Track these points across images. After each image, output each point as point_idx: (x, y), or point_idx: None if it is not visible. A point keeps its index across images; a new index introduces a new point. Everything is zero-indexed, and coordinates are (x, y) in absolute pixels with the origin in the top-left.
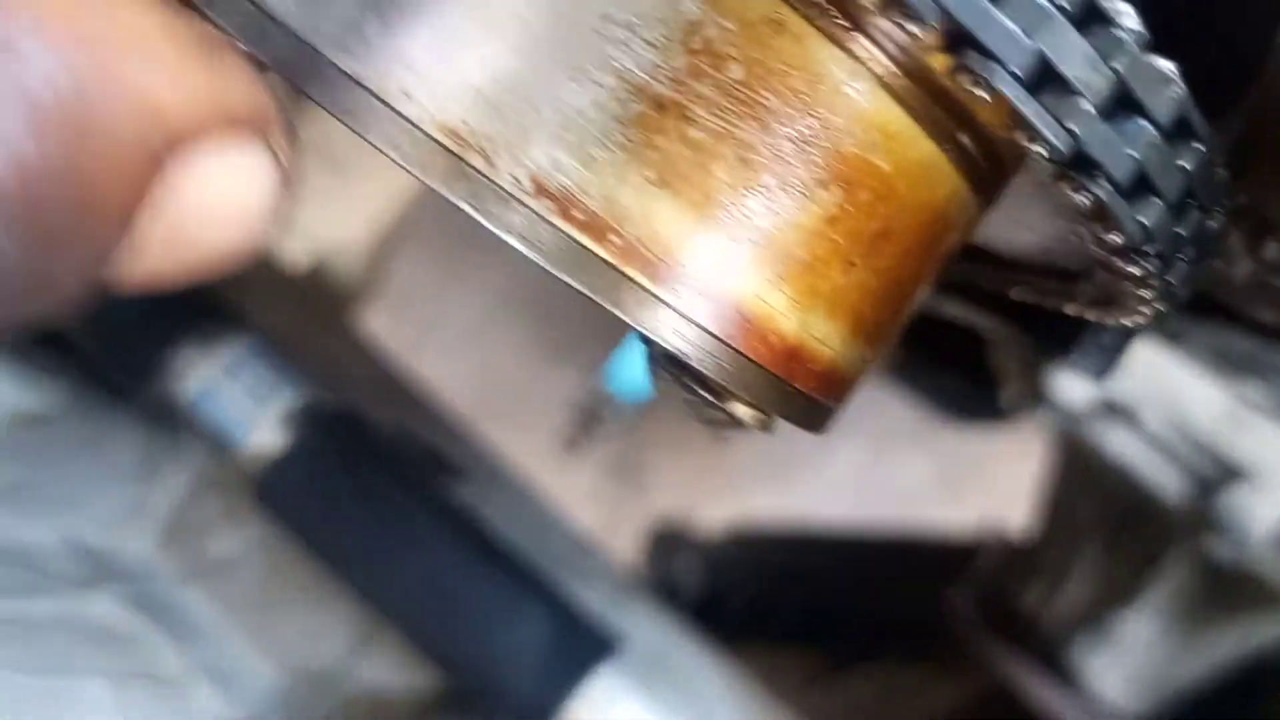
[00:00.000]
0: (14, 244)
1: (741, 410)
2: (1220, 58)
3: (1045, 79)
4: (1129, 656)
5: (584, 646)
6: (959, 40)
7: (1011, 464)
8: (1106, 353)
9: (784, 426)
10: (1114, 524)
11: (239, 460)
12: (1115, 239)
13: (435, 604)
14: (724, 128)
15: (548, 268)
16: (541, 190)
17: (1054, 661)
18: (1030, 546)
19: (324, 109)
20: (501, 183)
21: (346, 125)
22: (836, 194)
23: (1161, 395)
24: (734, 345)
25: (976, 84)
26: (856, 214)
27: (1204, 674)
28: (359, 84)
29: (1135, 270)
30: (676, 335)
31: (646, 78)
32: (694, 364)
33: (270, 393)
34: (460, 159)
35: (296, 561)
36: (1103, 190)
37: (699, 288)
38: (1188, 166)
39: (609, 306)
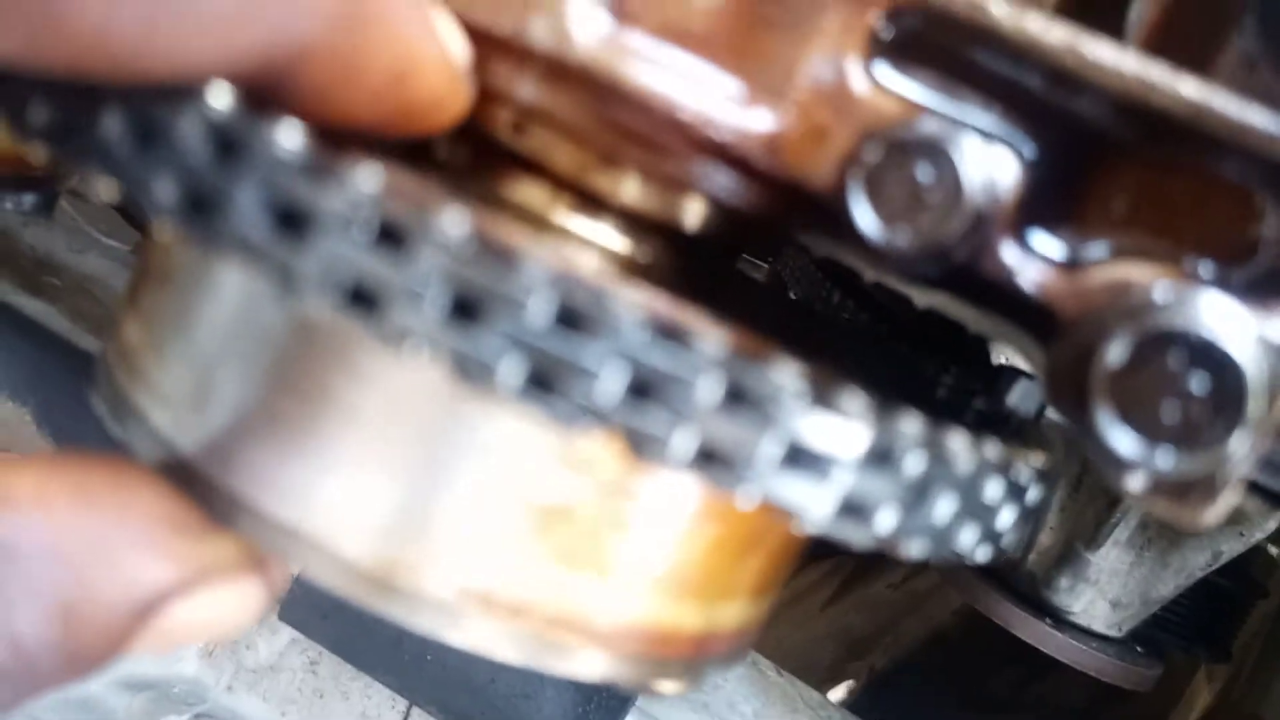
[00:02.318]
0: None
1: (666, 686)
2: None
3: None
4: (1109, 588)
5: (607, 699)
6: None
7: None
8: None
9: None
10: (1078, 466)
11: None
12: None
13: (464, 690)
14: (608, 512)
15: (483, 654)
16: (465, 594)
17: (1041, 603)
18: None
19: (260, 546)
20: (430, 596)
21: (289, 565)
22: (715, 526)
23: None
24: (651, 658)
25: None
26: (738, 526)
27: (1181, 586)
28: (294, 533)
29: None
30: (602, 672)
31: (534, 491)
32: (619, 685)
33: None
34: (391, 583)
35: (332, 654)
36: None
37: (612, 630)
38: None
39: (538, 668)
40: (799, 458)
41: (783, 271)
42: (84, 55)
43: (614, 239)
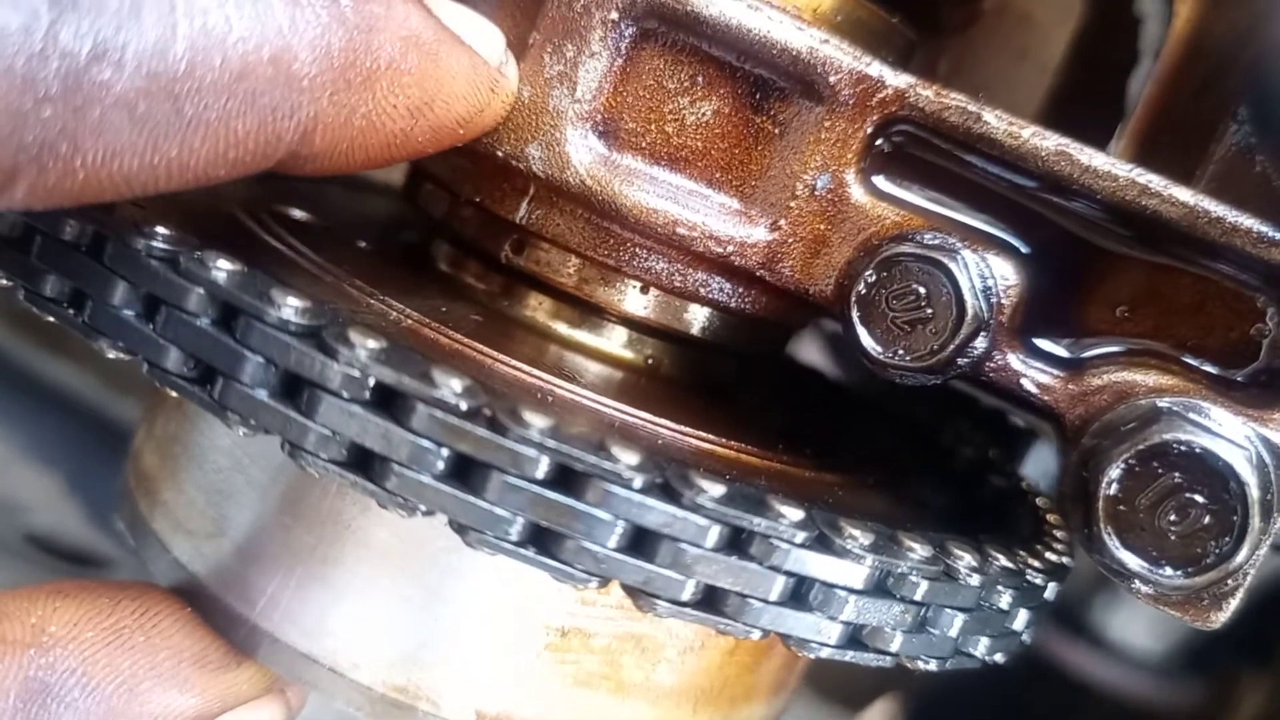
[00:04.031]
0: None
1: None
2: None
3: None
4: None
5: None
6: None
7: None
8: None
9: None
10: None
11: None
12: None
13: None
14: (621, 632)
15: None
16: (483, 717)
17: (1079, 623)
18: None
19: (280, 672)
20: (450, 718)
21: (310, 691)
22: (729, 638)
23: None
24: None
25: None
26: (750, 640)
27: None
28: (314, 660)
29: None
30: None
31: (546, 616)
32: None
33: None
34: (412, 707)
35: None
36: None
37: None
38: None
39: None
40: (803, 594)
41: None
42: (94, 188)
43: (620, 348)
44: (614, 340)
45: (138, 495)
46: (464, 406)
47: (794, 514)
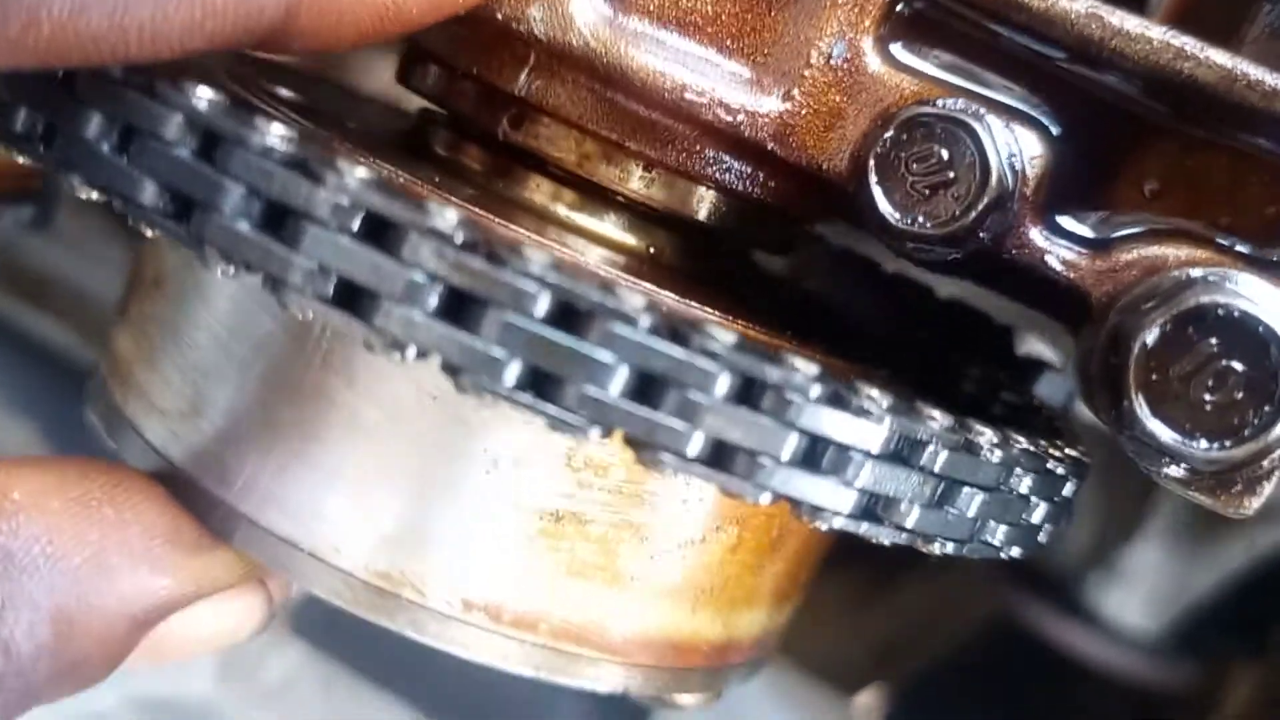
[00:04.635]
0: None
1: (685, 699)
2: None
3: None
4: (1142, 583)
5: (625, 710)
6: None
7: None
8: None
9: None
10: (1108, 457)
11: None
12: None
13: (480, 704)
14: (619, 519)
15: (490, 665)
16: (470, 606)
17: (1072, 601)
18: None
19: (264, 564)
20: (436, 607)
21: (289, 578)
22: (732, 530)
23: None
24: (668, 670)
25: None
26: (754, 535)
27: (1216, 584)
28: (294, 545)
29: None
30: (617, 683)
31: (540, 499)
32: (638, 698)
33: None
34: (396, 595)
35: (346, 671)
36: None
37: (627, 641)
38: None
39: (550, 679)
40: (816, 455)
41: (799, 265)
42: (59, 46)
43: (621, 232)
44: (616, 225)
45: (111, 384)
46: (460, 238)
47: (809, 368)
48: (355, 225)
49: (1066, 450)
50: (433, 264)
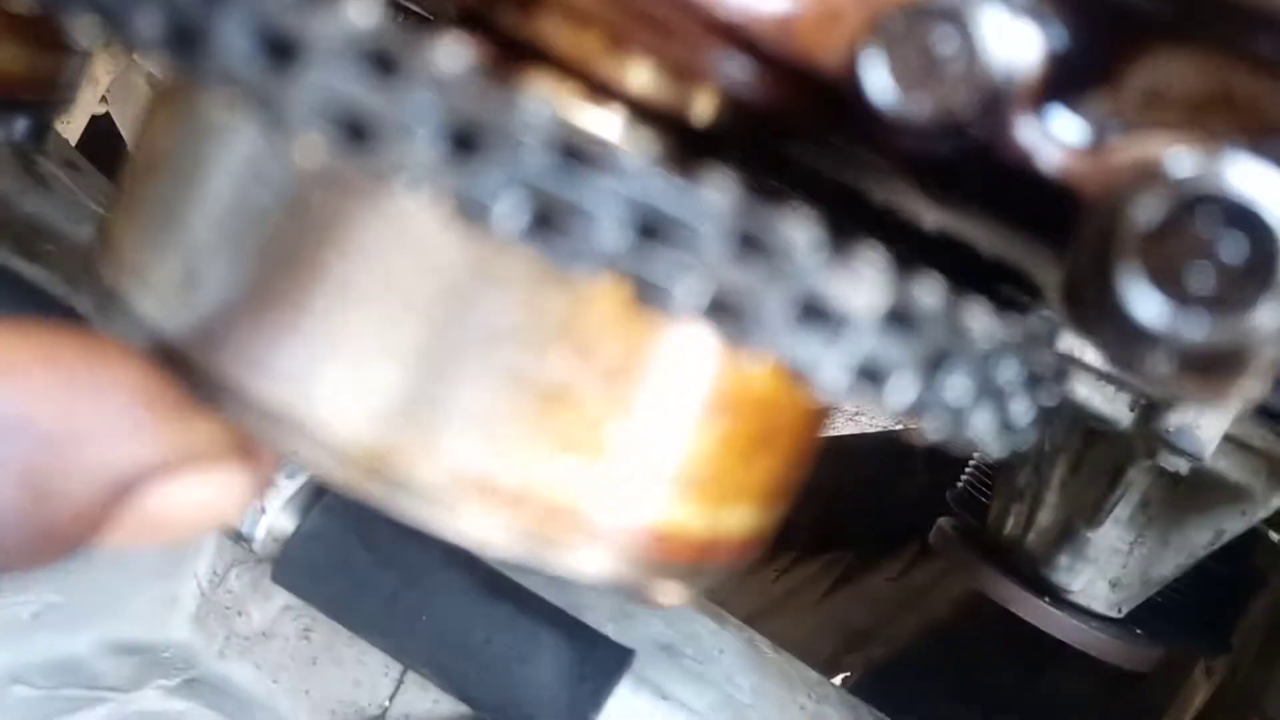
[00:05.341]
0: None
1: (667, 591)
2: None
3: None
4: (1109, 567)
5: (604, 661)
6: None
7: None
8: None
9: None
10: (1078, 443)
11: (253, 544)
12: None
13: (459, 652)
14: (612, 395)
15: (477, 546)
16: (462, 480)
17: (1041, 582)
18: (1007, 470)
19: (247, 430)
20: (425, 482)
21: (270, 445)
22: (724, 419)
23: None
24: (653, 559)
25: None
26: (746, 425)
27: (1182, 566)
28: (283, 417)
29: None
30: (602, 569)
31: (534, 372)
32: (621, 589)
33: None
34: (383, 469)
35: (325, 621)
36: None
37: (614, 526)
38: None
39: (536, 566)
40: (814, 313)
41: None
42: None
43: (620, 131)
44: (616, 122)
45: (103, 266)
46: (464, 71)
47: (816, 223)
48: (358, 59)
49: (1057, 347)
50: (435, 99)
